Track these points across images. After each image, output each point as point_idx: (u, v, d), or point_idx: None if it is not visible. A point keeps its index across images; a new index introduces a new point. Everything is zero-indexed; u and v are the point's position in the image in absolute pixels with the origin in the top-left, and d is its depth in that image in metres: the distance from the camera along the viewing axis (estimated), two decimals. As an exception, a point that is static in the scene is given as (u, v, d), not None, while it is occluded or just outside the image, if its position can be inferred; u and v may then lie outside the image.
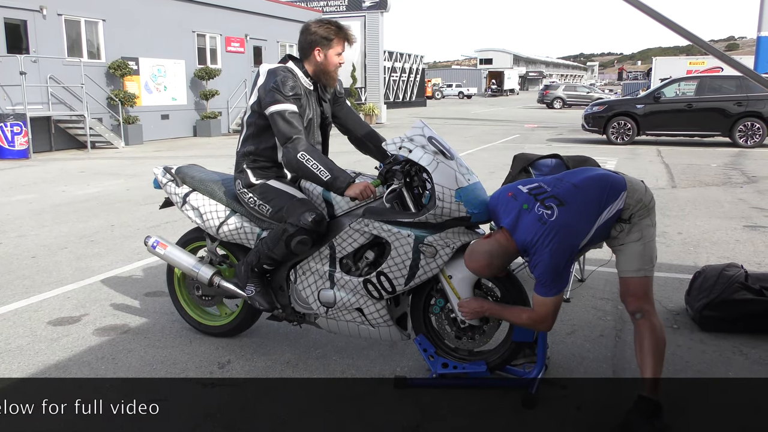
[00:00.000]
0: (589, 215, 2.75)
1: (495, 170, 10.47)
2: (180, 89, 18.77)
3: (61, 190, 9.37)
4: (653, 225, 2.88)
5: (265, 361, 3.54)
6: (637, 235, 2.81)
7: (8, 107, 13.78)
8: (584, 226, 2.75)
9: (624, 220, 2.81)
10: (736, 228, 6.70)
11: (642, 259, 2.82)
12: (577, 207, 2.75)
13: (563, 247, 2.70)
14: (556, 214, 2.72)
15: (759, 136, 14.75)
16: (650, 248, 2.84)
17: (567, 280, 2.79)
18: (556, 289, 2.77)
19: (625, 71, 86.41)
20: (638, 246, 2.81)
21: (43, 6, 14.85)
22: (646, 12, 3.27)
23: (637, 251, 2.81)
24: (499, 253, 2.84)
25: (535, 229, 2.72)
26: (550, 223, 2.70)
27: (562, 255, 2.71)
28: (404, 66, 41.25)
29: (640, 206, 2.80)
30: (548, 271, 2.72)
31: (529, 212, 2.77)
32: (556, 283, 2.76)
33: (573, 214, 2.73)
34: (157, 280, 4.91)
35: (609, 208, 2.76)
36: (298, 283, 3.38)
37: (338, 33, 3.33)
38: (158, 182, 3.84)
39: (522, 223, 2.78)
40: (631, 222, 2.81)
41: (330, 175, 3.10)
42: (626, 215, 2.80)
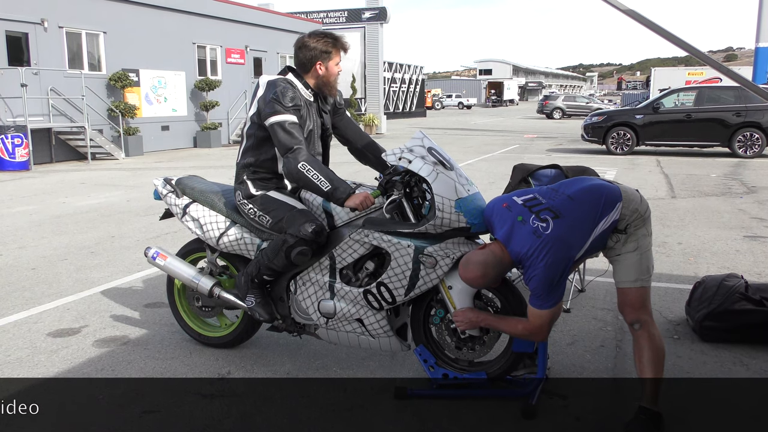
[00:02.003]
0: (584, 227, 2.75)
1: (495, 180, 10.49)
2: (180, 100, 18.83)
3: (62, 202, 9.38)
4: (649, 234, 2.88)
5: (265, 372, 3.53)
6: (633, 245, 2.81)
7: (9, 119, 13.83)
8: (580, 239, 2.75)
9: (620, 231, 2.81)
10: (736, 238, 6.70)
11: (639, 269, 2.82)
12: (573, 220, 2.75)
13: (558, 260, 2.70)
14: (551, 227, 2.72)
15: (758, 147, 14.77)
16: (647, 258, 2.84)
17: (562, 292, 2.79)
18: (551, 302, 2.77)
19: (624, 81, 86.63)
20: (635, 256, 2.81)
21: (44, 19, 14.93)
22: (644, 24, 3.29)
23: (634, 261, 2.81)
24: (493, 264, 2.84)
25: (530, 241, 2.72)
26: (546, 237, 2.70)
27: (557, 268, 2.71)
28: (404, 77, 41.40)
29: (635, 216, 2.81)
30: (543, 284, 2.72)
31: (523, 224, 2.77)
32: (551, 296, 2.76)
33: (568, 226, 2.73)
34: (157, 291, 4.91)
35: (605, 219, 2.76)
36: (298, 293, 3.38)
37: (335, 45, 3.40)
38: (158, 193, 3.85)
39: (516, 235, 2.78)
40: (627, 232, 2.82)
41: (330, 186, 3.11)
42: (622, 225, 2.80)
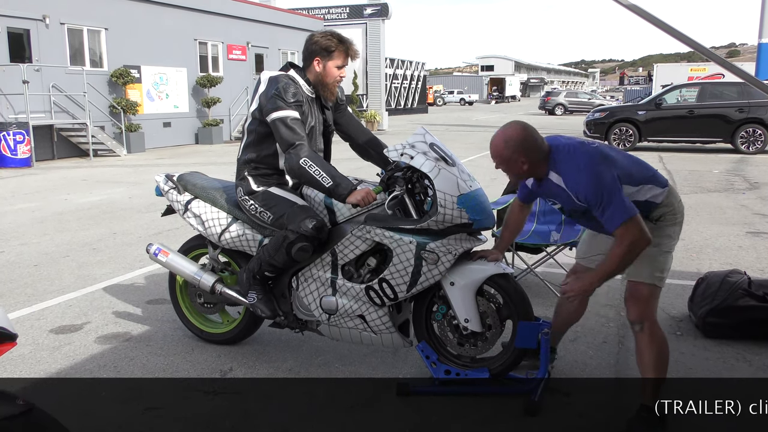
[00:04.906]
0: (627, 170, 2.72)
1: (496, 177, 10.44)
2: (182, 97, 18.82)
3: (64, 199, 9.38)
4: (675, 238, 2.82)
5: (267, 368, 3.53)
6: (656, 241, 2.72)
7: (11, 116, 13.81)
8: (621, 166, 2.71)
9: (651, 219, 2.75)
10: (739, 234, 6.68)
11: (653, 265, 2.76)
12: (617, 153, 2.81)
13: (609, 179, 2.63)
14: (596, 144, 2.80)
15: (761, 143, 14.74)
16: (665, 259, 2.79)
17: (632, 205, 2.65)
18: (626, 214, 2.59)
19: (627, 76, 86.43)
20: (653, 251, 2.72)
21: (45, 15, 14.91)
22: (647, 19, 3.27)
23: (651, 256, 2.73)
24: None
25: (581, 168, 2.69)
26: (592, 151, 2.74)
27: (612, 184, 2.62)
28: (406, 73, 41.31)
29: (670, 211, 2.78)
30: (609, 205, 2.61)
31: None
32: (621, 209, 2.60)
33: (612, 151, 2.80)
34: (159, 287, 4.91)
35: (643, 187, 2.72)
36: (300, 290, 3.38)
37: (339, 45, 3.32)
38: (160, 190, 3.85)
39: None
40: (657, 225, 2.76)
41: (332, 182, 3.10)
42: (656, 214, 2.76)
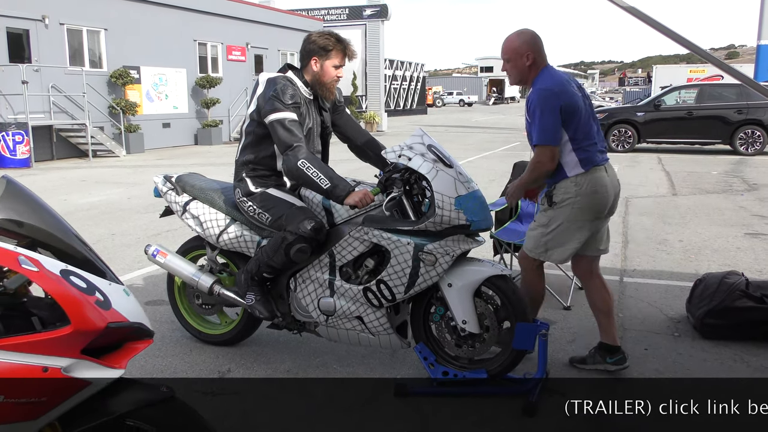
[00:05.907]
0: (581, 125, 3.18)
1: (495, 178, 10.47)
2: (181, 98, 18.83)
3: (63, 199, 9.38)
4: (570, 227, 3.21)
5: (266, 369, 3.53)
6: (544, 220, 3.24)
7: (10, 116, 13.82)
8: (579, 116, 3.15)
9: (549, 199, 3.23)
10: (737, 235, 6.69)
11: (536, 243, 3.29)
12: (586, 112, 3.23)
13: (550, 105, 3.09)
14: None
15: (759, 144, 14.75)
16: (547, 240, 3.26)
17: (556, 137, 3.13)
18: (545, 140, 3.11)
19: (626, 77, 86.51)
20: (538, 231, 3.28)
21: (45, 15, 14.91)
22: (646, 21, 3.28)
23: (535, 236, 3.29)
24: None
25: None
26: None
27: (548, 110, 3.09)
28: (405, 74, 41.35)
29: (571, 197, 3.17)
30: (537, 123, 3.12)
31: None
32: (544, 133, 3.10)
33: (583, 106, 3.22)
34: (158, 288, 4.91)
35: (569, 149, 3.17)
36: (298, 291, 3.38)
37: (337, 44, 3.32)
38: (159, 191, 3.85)
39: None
40: (554, 208, 3.21)
41: (330, 184, 3.10)
42: (558, 197, 3.20)
